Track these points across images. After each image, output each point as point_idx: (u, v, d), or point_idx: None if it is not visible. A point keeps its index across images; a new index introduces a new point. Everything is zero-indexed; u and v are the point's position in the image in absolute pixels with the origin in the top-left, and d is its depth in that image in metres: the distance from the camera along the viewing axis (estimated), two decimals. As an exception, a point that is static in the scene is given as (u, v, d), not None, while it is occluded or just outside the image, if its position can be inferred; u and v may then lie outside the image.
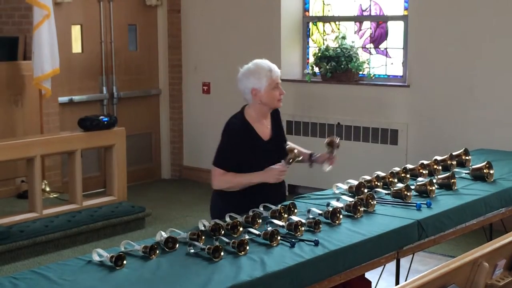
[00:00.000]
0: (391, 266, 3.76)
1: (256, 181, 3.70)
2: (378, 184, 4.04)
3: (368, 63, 7.21)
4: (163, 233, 3.13)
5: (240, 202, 3.69)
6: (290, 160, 3.71)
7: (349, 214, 3.54)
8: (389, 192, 3.91)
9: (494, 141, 6.07)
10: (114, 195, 6.51)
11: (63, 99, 7.33)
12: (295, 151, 3.76)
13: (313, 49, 7.55)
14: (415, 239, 3.51)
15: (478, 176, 4.33)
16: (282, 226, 3.27)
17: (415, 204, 3.70)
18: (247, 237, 3.12)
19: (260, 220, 3.37)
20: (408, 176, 4.20)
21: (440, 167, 4.42)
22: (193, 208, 7.15)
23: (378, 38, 7.23)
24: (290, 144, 3.90)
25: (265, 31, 7.61)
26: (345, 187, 4.02)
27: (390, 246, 3.38)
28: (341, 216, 3.44)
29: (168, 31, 8.35)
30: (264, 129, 3.85)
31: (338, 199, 3.71)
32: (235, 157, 3.73)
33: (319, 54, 7.25)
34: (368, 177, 4.10)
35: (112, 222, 6.16)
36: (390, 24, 7.10)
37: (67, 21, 7.37)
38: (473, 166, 4.44)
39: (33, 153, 5.85)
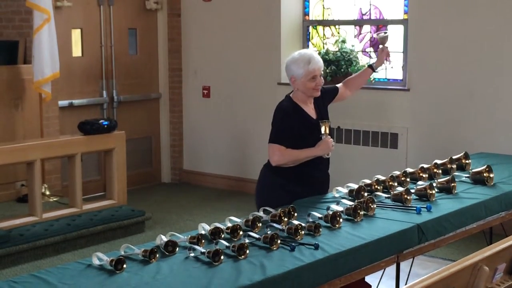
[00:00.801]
0: (391, 270, 3.76)
1: (313, 155, 4.02)
2: (378, 187, 4.04)
3: (368, 67, 7.20)
4: (163, 237, 3.13)
5: (289, 181, 4.02)
6: (326, 130, 4.03)
7: (349, 217, 3.54)
8: (389, 195, 3.91)
9: (494, 144, 6.07)
10: (114, 199, 6.51)
11: (63, 103, 7.33)
12: (324, 122, 4.07)
13: (313, 53, 7.55)
14: (415, 242, 3.51)
15: (478, 179, 4.33)
16: (282, 230, 3.27)
17: (415, 208, 3.70)
18: (247, 240, 3.12)
19: (260, 224, 3.37)
20: (408, 179, 4.20)
21: (440, 171, 4.42)
22: (193, 212, 7.15)
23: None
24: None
25: (265, 35, 7.61)
26: (345, 190, 4.02)
27: (390, 250, 3.38)
28: (341, 220, 3.44)
29: (168, 35, 8.35)
30: (310, 110, 4.14)
31: (338, 203, 3.71)
32: (290, 134, 4.01)
33: (319, 58, 7.25)
34: (368, 181, 4.11)
35: (112, 226, 6.16)
36: (390, 28, 7.10)
37: (67, 25, 7.38)
38: (473, 170, 4.44)
39: (33, 157, 5.85)
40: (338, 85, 4.49)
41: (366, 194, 3.86)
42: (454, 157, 4.61)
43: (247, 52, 7.78)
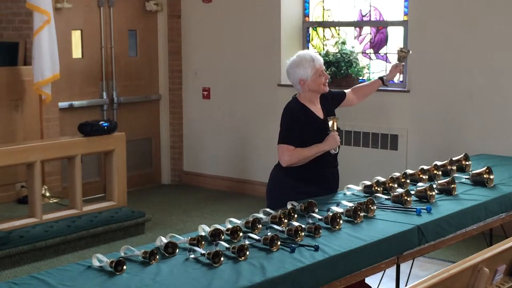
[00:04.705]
0: (391, 271, 3.76)
1: (321, 150, 4.08)
2: (378, 189, 4.04)
3: (368, 68, 7.22)
4: (163, 238, 3.13)
5: (299, 179, 4.08)
6: (334, 126, 4.10)
7: (349, 219, 3.54)
8: (389, 197, 3.91)
9: (494, 146, 6.07)
10: (114, 200, 6.51)
11: (63, 104, 7.34)
12: (332, 118, 4.15)
13: (313, 55, 7.55)
14: (415, 244, 3.50)
15: (478, 181, 4.33)
16: (282, 231, 3.27)
17: (415, 209, 3.69)
18: (247, 242, 3.12)
19: (260, 225, 3.36)
20: (408, 181, 4.20)
21: (440, 172, 4.42)
22: (193, 213, 7.15)
23: (378, 43, 7.24)
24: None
25: (265, 36, 7.62)
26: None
27: (390, 251, 3.37)
28: (341, 221, 3.44)
29: (168, 37, 8.36)
30: (317, 110, 4.20)
31: (338, 204, 3.71)
32: (298, 134, 4.08)
33: (319, 60, 7.25)
34: (368, 182, 4.11)
35: (112, 227, 6.16)
36: (390, 29, 7.11)
37: (67, 27, 7.38)
38: (473, 171, 4.44)
39: (33, 158, 5.85)
40: (346, 91, 4.55)
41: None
42: (454, 159, 4.61)
43: (247, 54, 7.78)
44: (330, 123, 4.12)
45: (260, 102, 7.65)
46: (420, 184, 4.17)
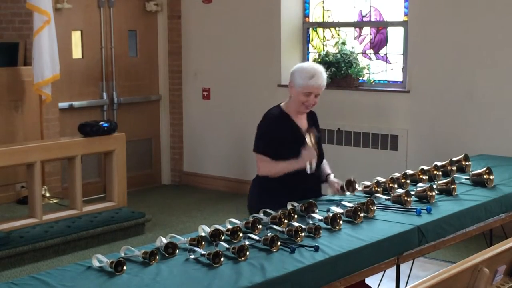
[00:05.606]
0: (391, 271, 3.76)
1: (294, 166, 3.89)
2: (378, 189, 4.04)
3: (368, 69, 7.22)
4: (163, 238, 3.13)
5: (277, 192, 3.91)
6: (309, 140, 3.93)
7: (349, 219, 3.54)
8: (389, 197, 3.91)
9: (494, 146, 6.07)
10: (114, 201, 6.50)
11: (63, 104, 7.34)
12: (308, 130, 4.00)
13: (313, 55, 7.56)
14: (415, 244, 3.51)
15: (478, 181, 4.33)
16: (282, 232, 3.27)
17: (415, 210, 3.69)
18: (247, 242, 3.12)
19: (260, 226, 3.36)
20: (408, 181, 4.20)
21: (440, 173, 4.42)
22: (193, 213, 7.15)
23: (378, 44, 7.24)
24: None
25: (265, 36, 7.62)
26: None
27: (390, 252, 3.38)
28: (341, 222, 3.44)
29: (168, 37, 8.36)
30: (300, 121, 4.07)
31: (338, 205, 3.71)
32: (276, 144, 3.94)
33: (319, 60, 7.26)
34: (368, 183, 4.11)
35: (112, 228, 6.16)
36: (390, 30, 7.11)
37: (68, 27, 7.38)
38: (473, 172, 4.44)
39: (33, 159, 5.85)
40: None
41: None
42: (454, 159, 4.61)
43: (247, 54, 7.78)
44: (307, 137, 3.95)
45: (260, 102, 7.62)
46: (420, 184, 4.17)
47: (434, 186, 4.04)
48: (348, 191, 4.01)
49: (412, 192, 3.92)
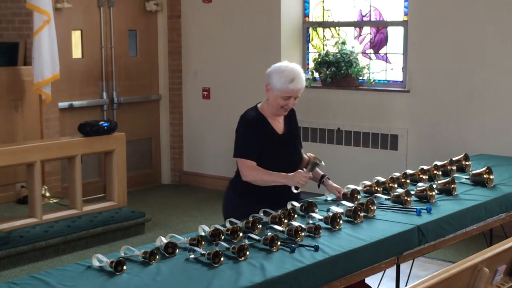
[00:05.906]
0: (391, 271, 3.76)
1: (281, 181, 3.73)
2: (378, 189, 4.04)
3: (368, 69, 7.21)
4: (163, 238, 3.13)
5: (252, 198, 3.80)
6: (311, 167, 3.78)
7: (349, 219, 3.54)
8: (389, 197, 3.91)
9: (494, 146, 6.07)
10: (114, 201, 6.50)
11: (63, 104, 7.33)
12: (314, 157, 3.82)
13: (313, 55, 7.56)
14: (415, 244, 3.51)
15: (478, 181, 4.33)
16: (282, 231, 3.27)
17: (415, 210, 3.70)
18: (247, 242, 3.12)
19: (260, 225, 3.37)
20: (408, 181, 4.21)
21: (440, 172, 4.42)
22: (193, 213, 7.15)
23: (378, 44, 7.24)
24: (309, 154, 3.93)
25: (265, 36, 7.62)
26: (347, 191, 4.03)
27: (390, 252, 3.38)
28: (341, 222, 3.44)
29: (168, 37, 8.36)
30: (277, 124, 3.93)
31: (338, 205, 3.71)
32: (255, 145, 3.83)
33: (319, 60, 7.26)
34: (368, 182, 4.11)
35: (112, 228, 6.16)
36: (390, 29, 7.10)
37: (68, 27, 7.38)
38: (473, 171, 4.44)
39: (33, 159, 5.84)
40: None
41: (359, 196, 3.84)
42: (454, 159, 4.61)
43: (247, 54, 7.78)
44: (309, 163, 3.78)
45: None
46: (420, 184, 4.17)
47: (434, 186, 4.05)
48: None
49: (412, 192, 3.92)
